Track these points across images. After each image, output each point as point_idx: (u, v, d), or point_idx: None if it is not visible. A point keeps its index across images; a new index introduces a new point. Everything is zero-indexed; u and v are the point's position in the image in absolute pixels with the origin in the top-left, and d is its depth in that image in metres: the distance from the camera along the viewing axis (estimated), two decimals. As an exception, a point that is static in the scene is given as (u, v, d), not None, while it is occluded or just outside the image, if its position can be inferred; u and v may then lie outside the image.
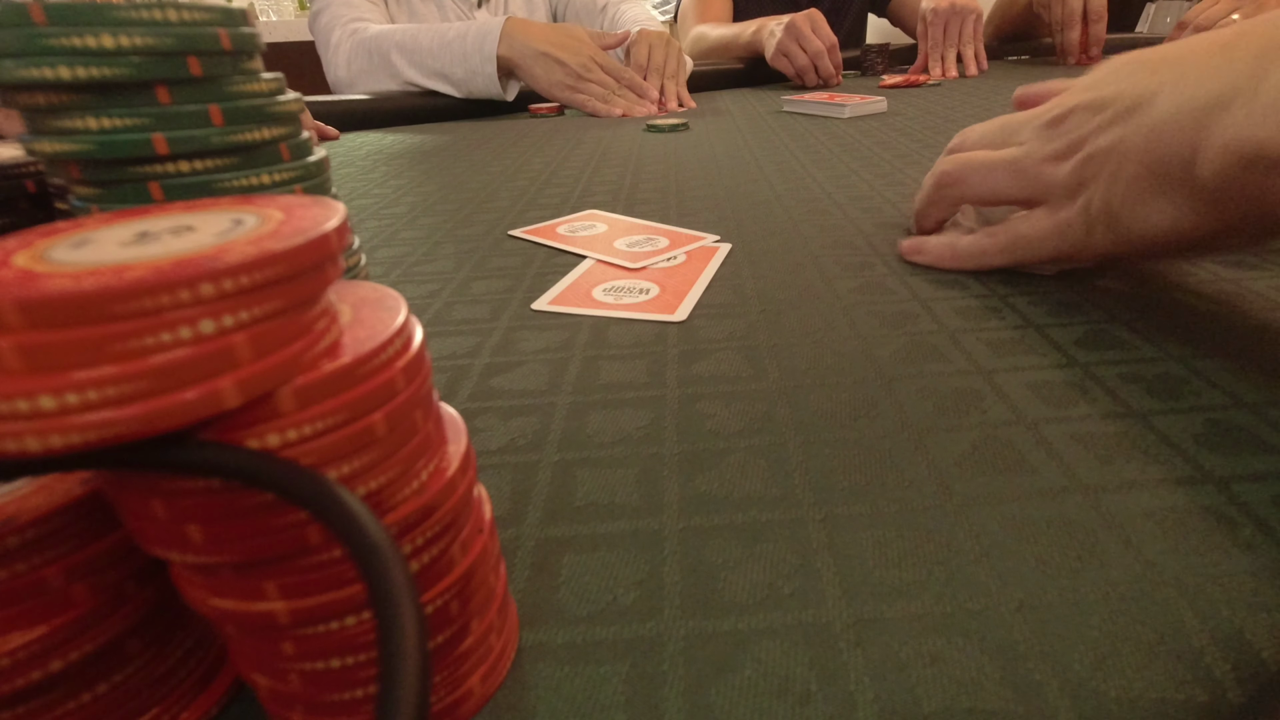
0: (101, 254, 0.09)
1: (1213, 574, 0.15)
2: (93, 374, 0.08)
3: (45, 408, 0.08)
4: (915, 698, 0.13)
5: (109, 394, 0.08)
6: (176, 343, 0.09)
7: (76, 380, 0.08)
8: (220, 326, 0.09)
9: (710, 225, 0.42)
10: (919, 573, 0.16)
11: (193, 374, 0.09)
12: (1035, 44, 1.34)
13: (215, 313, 0.09)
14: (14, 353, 0.08)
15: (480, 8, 1.18)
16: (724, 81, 1.20)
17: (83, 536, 0.11)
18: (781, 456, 0.20)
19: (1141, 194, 0.24)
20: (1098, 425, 0.21)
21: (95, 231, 0.10)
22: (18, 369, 0.08)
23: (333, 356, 0.10)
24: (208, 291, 0.09)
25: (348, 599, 0.11)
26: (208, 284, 0.09)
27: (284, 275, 0.09)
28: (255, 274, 0.09)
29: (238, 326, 0.09)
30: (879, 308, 0.29)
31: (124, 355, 0.08)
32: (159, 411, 0.08)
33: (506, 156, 0.68)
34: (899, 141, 0.63)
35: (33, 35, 0.16)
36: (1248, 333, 0.25)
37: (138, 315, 0.08)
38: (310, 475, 0.09)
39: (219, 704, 0.14)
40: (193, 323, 0.09)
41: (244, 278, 0.09)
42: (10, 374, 0.08)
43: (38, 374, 0.08)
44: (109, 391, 0.08)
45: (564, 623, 0.15)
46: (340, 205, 0.11)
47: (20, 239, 0.10)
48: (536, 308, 0.31)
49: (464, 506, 0.12)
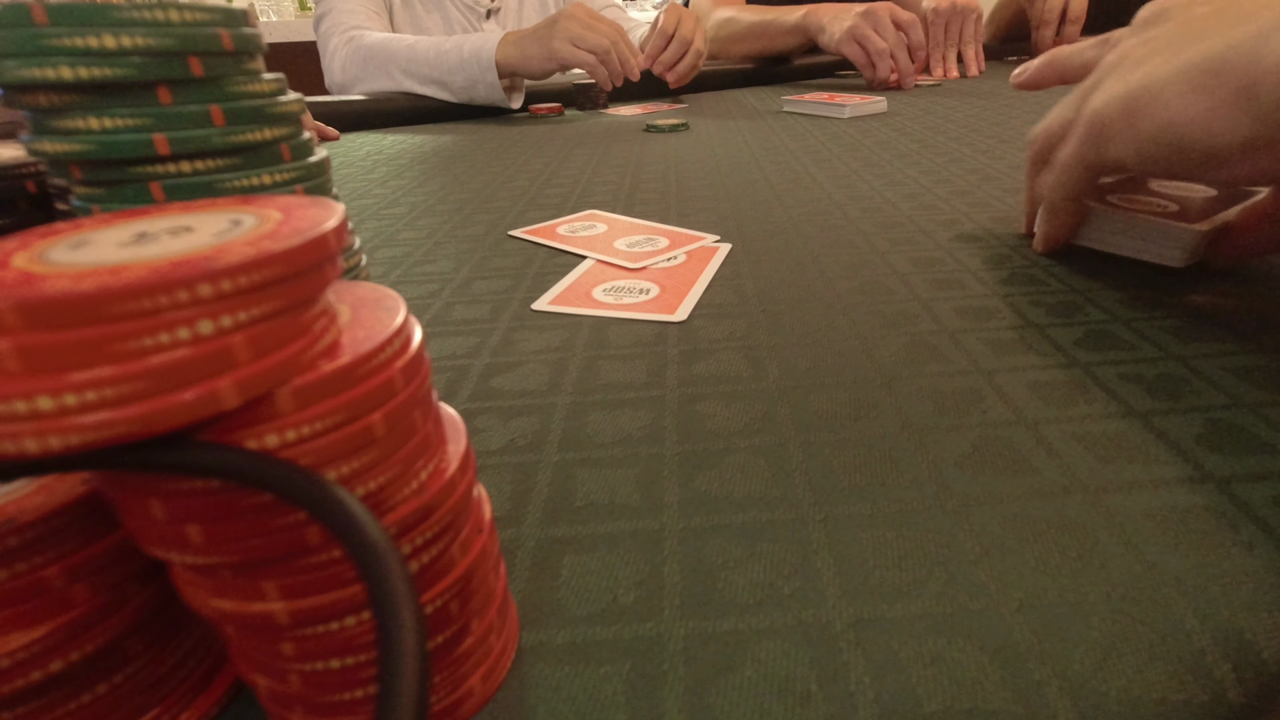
0: (100, 255, 0.09)
1: (1213, 574, 0.15)
2: (91, 375, 0.08)
3: (44, 409, 0.08)
4: (915, 698, 0.13)
5: (107, 395, 0.08)
6: (175, 343, 0.09)
7: (75, 381, 0.08)
8: (219, 327, 0.09)
9: (710, 225, 0.42)
10: (919, 573, 0.16)
11: (191, 375, 0.09)
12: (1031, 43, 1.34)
13: (213, 313, 0.09)
14: (12, 354, 0.08)
15: (489, 19, 1.18)
16: (724, 81, 1.20)
17: (83, 536, 0.11)
18: (781, 456, 0.20)
19: (1188, 88, 0.23)
20: (1098, 425, 0.21)
21: (94, 232, 0.10)
22: (16, 370, 0.08)
23: (331, 357, 0.10)
24: (206, 292, 0.09)
25: (347, 599, 0.11)
26: (206, 284, 0.09)
27: (282, 276, 0.09)
28: (253, 274, 0.09)
29: (236, 327, 0.09)
30: (879, 308, 0.29)
31: (122, 356, 0.08)
32: (157, 412, 0.08)
33: (506, 156, 0.68)
34: (899, 141, 0.63)
35: (34, 35, 0.16)
36: (1248, 333, 0.25)
37: (136, 316, 0.08)
38: (307, 475, 0.09)
39: (219, 704, 0.14)
40: (191, 323, 0.09)
41: (242, 278, 0.09)
42: (8, 375, 0.08)
43: (36, 375, 0.08)
44: (107, 392, 0.08)
45: (564, 623, 0.15)
46: (339, 206, 0.11)
47: (19, 240, 0.10)
48: (536, 308, 0.31)
49: (463, 507, 0.12)
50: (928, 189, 0.47)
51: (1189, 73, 0.23)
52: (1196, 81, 0.23)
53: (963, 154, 0.57)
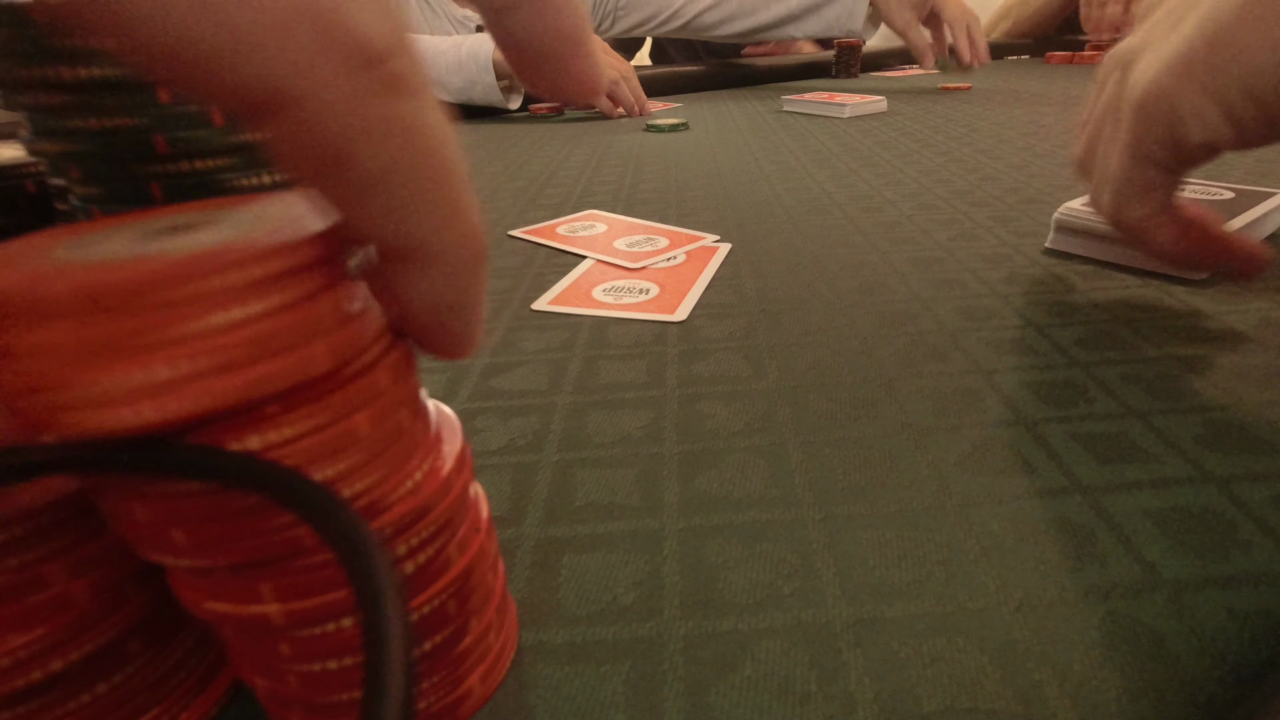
0: (131, 248, 0.09)
1: (1212, 574, 0.15)
2: (200, 345, 0.09)
3: (160, 378, 0.08)
4: (915, 698, 0.13)
5: (217, 361, 0.09)
6: (267, 312, 0.09)
7: (186, 351, 0.08)
8: (304, 293, 0.09)
9: (710, 225, 0.42)
10: (919, 573, 0.16)
11: (286, 341, 0.09)
12: (1044, 42, 1.34)
13: (295, 284, 0.09)
14: (125, 332, 0.08)
15: (482, 33, 1.18)
16: (724, 81, 1.20)
17: (82, 532, 0.11)
18: (781, 456, 0.20)
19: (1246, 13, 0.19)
20: (1098, 425, 0.21)
21: (117, 229, 0.10)
22: (125, 346, 0.08)
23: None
24: (287, 263, 0.09)
25: (343, 600, 0.11)
26: (285, 257, 0.09)
27: (333, 252, 0.10)
28: (320, 247, 0.09)
29: (316, 294, 0.09)
30: (879, 308, 0.29)
31: (224, 328, 0.09)
32: (261, 378, 0.09)
33: (506, 156, 0.68)
34: (899, 141, 0.63)
35: (33, 35, 0.16)
36: (1248, 333, 0.25)
37: (228, 289, 0.09)
38: (290, 473, 0.09)
39: (218, 705, 0.14)
40: (281, 292, 0.09)
41: (318, 247, 0.09)
42: (117, 350, 0.08)
43: (142, 350, 0.08)
44: (218, 359, 0.09)
45: (564, 623, 0.15)
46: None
47: (49, 236, 0.10)
48: (536, 308, 0.31)
49: (460, 506, 0.12)
50: (928, 189, 0.47)
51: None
52: (1254, 6, 0.18)
53: (963, 154, 0.57)
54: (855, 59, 1.17)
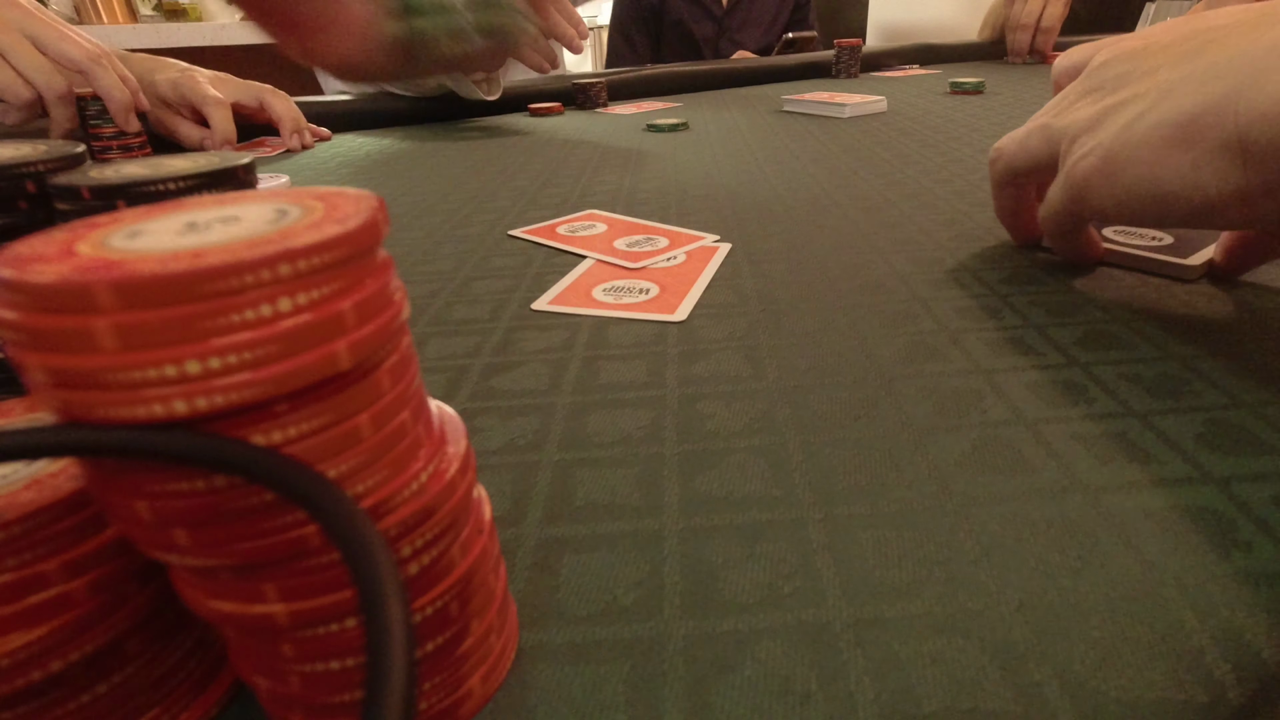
0: (161, 242, 0.09)
1: (1213, 574, 0.15)
2: (231, 340, 0.09)
3: (191, 372, 0.09)
4: (915, 698, 0.13)
5: (246, 358, 0.09)
6: (296, 309, 0.09)
7: (217, 346, 0.09)
8: (329, 292, 0.09)
9: (710, 225, 0.42)
10: (919, 573, 0.16)
11: (313, 339, 0.09)
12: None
13: (321, 283, 0.09)
14: (161, 324, 0.08)
15: None
16: (724, 81, 1.20)
17: (80, 531, 0.11)
18: (781, 456, 0.20)
19: (1163, 144, 0.23)
20: (1098, 425, 0.21)
21: (145, 223, 0.10)
22: (159, 339, 0.09)
23: None
24: (316, 263, 0.09)
25: (348, 601, 0.11)
26: (316, 256, 0.09)
27: (369, 247, 0.10)
28: (349, 247, 0.10)
29: (341, 293, 0.10)
30: (879, 308, 0.29)
31: (253, 324, 0.09)
32: (288, 373, 0.09)
33: (506, 156, 0.68)
34: (899, 141, 0.63)
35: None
36: (1248, 333, 0.25)
37: (260, 285, 0.09)
38: (275, 454, 0.09)
39: (219, 705, 0.14)
40: (307, 290, 0.09)
41: (345, 248, 0.10)
42: (151, 344, 0.09)
43: (178, 343, 0.09)
44: (246, 356, 0.09)
45: (564, 623, 0.15)
46: (369, 193, 0.11)
47: (70, 231, 0.10)
48: (536, 308, 0.31)
49: (464, 508, 0.12)
50: (928, 189, 0.47)
51: (1163, 129, 0.23)
52: (1173, 137, 0.23)
53: (963, 154, 0.57)
54: (855, 59, 1.17)
